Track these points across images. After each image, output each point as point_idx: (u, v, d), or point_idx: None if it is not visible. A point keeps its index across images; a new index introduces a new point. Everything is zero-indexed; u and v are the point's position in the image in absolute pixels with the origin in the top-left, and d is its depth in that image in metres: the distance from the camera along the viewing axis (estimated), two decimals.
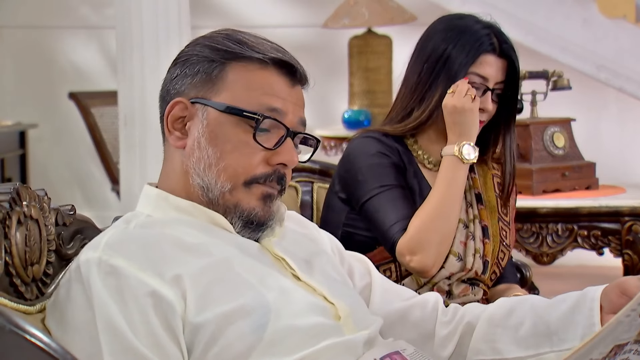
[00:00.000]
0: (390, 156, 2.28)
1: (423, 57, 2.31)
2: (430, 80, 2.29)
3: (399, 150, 2.30)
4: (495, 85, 2.29)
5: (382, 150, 2.28)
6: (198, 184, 1.59)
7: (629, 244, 3.35)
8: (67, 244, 1.64)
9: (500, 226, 2.37)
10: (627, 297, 1.54)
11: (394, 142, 2.31)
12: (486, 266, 2.31)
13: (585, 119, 4.89)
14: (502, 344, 1.67)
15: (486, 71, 2.28)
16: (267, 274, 1.55)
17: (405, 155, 2.31)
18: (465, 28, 2.30)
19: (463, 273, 2.28)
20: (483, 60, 2.28)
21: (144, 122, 3.82)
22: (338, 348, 1.51)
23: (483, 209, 2.36)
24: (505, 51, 2.29)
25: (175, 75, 1.62)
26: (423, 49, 2.32)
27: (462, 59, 2.27)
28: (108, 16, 5.80)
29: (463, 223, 2.31)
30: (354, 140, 2.34)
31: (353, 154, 2.30)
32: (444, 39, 2.29)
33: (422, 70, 2.30)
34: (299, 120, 1.62)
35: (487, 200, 2.38)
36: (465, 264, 2.28)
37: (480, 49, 2.27)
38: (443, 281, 2.27)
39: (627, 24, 4.79)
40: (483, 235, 2.33)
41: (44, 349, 1.30)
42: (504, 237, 2.37)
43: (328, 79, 5.58)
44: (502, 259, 2.36)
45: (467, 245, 2.30)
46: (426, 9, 4.95)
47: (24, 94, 6.25)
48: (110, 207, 5.90)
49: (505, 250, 2.37)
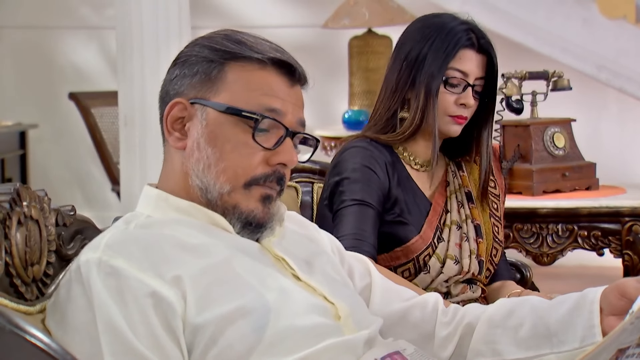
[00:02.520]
0: (374, 170, 2.27)
1: (401, 56, 2.32)
2: (411, 79, 2.30)
3: (385, 157, 2.31)
4: (475, 81, 2.30)
5: (368, 162, 2.28)
6: (197, 185, 1.59)
7: (629, 245, 3.34)
8: (67, 245, 1.64)
9: (492, 222, 2.37)
10: (626, 299, 1.54)
11: (382, 148, 2.31)
12: (482, 266, 2.32)
13: (586, 119, 4.89)
14: (502, 345, 1.67)
15: (466, 66, 2.28)
16: (267, 274, 1.55)
17: (391, 161, 2.31)
18: (442, 25, 2.30)
19: (460, 276, 2.29)
20: (462, 55, 2.28)
21: (144, 123, 3.82)
22: (338, 348, 1.51)
23: (474, 207, 2.36)
24: (484, 46, 2.30)
25: (174, 76, 1.62)
26: (401, 48, 2.33)
27: (441, 55, 2.27)
28: (108, 16, 5.80)
29: (456, 224, 2.32)
30: (344, 149, 2.34)
31: (340, 164, 2.31)
32: (422, 37, 2.29)
33: (401, 68, 2.31)
34: (298, 120, 1.61)
35: (477, 198, 2.38)
36: (462, 267, 2.28)
37: (459, 44, 2.27)
38: (441, 284, 2.27)
39: (627, 25, 4.79)
40: (476, 234, 2.33)
41: (44, 350, 1.30)
42: (497, 233, 2.38)
43: (328, 79, 5.58)
44: (495, 255, 2.37)
45: (462, 247, 2.30)
46: (426, 9, 4.94)
47: (24, 94, 6.25)
48: (111, 208, 5.90)
49: (497, 247, 2.38)
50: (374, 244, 2.22)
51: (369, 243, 2.20)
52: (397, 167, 2.32)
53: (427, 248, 2.27)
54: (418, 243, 2.27)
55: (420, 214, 2.31)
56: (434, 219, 2.31)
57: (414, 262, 2.26)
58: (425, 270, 2.26)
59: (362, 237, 2.20)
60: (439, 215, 2.32)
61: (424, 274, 2.26)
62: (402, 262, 2.27)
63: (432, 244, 2.27)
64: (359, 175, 2.27)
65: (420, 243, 2.27)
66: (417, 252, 2.26)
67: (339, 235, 2.17)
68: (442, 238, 2.30)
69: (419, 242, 2.27)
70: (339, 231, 2.21)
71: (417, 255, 2.26)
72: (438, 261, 2.27)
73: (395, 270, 2.26)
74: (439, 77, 2.27)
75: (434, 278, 2.27)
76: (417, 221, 2.29)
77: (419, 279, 2.26)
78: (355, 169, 2.27)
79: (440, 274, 2.26)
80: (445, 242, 2.29)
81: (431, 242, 2.27)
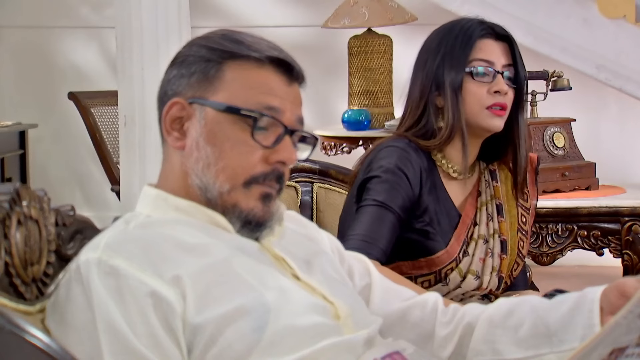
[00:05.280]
0: (407, 173, 2.23)
1: (420, 68, 2.28)
2: (435, 83, 2.25)
3: (422, 162, 2.26)
4: (503, 69, 2.27)
5: (402, 165, 2.23)
6: (197, 184, 1.59)
7: (628, 244, 3.35)
8: (67, 244, 1.64)
9: (519, 237, 2.34)
10: (626, 298, 1.54)
11: (421, 153, 2.27)
12: (500, 282, 2.29)
13: (585, 119, 4.89)
14: (501, 345, 1.67)
15: (489, 55, 2.25)
16: (267, 274, 1.55)
17: (427, 167, 2.27)
18: (453, 26, 2.29)
19: (478, 292, 2.27)
20: (481, 45, 2.25)
21: (144, 122, 3.82)
22: (338, 348, 1.51)
23: (503, 221, 2.32)
24: (501, 33, 2.27)
25: (172, 76, 1.62)
26: (419, 62, 2.30)
27: (459, 50, 2.24)
28: (108, 16, 5.79)
29: (483, 238, 2.28)
30: (381, 147, 2.29)
31: (375, 162, 2.26)
32: (436, 44, 2.27)
33: (422, 78, 2.27)
34: (296, 118, 1.61)
35: (507, 211, 2.34)
36: (482, 283, 2.26)
37: (474, 35, 2.25)
38: (457, 296, 2.26)
39: (627, 24, 4.78)
40: (501, 250, 2.29)
41: (43, 350, 1.30)
42: (521, 248, 2.34)
43: (328, 79, 5.58)
44: (515, 269, 2.34)
45: (485, 263, 2.26)
46: (426, 9, 4.95)
47: (24, 94, 6.25)
48: (110, 207, 5.90)
49: (519, 262, 2.34)
50: (384, 249, 2.17)
51: (379, 247, 2.16)
52: (431, 174, 2.28)
53: (451, 262, 2.24)
54: (444, 257, 2.24)
55: (449, 225, 2.27)
56: (462, 232, 2.27)
57: (436, 274, 2.24)
58: (444, 282, 2.24)
59: (372, 240, 2.16)
60: (467, 228, 2.28)
61: (441, 285, 2.24)
62: (424, 272, 2.23)
63: (457, 258, 2.24)
64: (389, 177, 2.22)
65: (445, 257, 2.24)
66: (441, 265, 2.23)
67: (350, 233, 2.16)
68: (468, 252, 2.26)
69: (444, 256, 2.24)
70: (352, 228, 2.18)
71: (440, 268, 2.24)
72: (459, 275, 2.24)
73: (416, 279, 2.23)
74: (461, 70, 2.23)
75: (451, 290, 2.25)
76: (444, 233, 2.26)
77: (435, 289, 2.22)
78: (387, 170, 2.23)
79: (458, 287, 2.24)
80: (470, 257, 2.26)
81: (456, 256, 2.24)
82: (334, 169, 2.60)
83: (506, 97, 2.26)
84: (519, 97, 2.30)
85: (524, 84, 2.31)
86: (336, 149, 4.82)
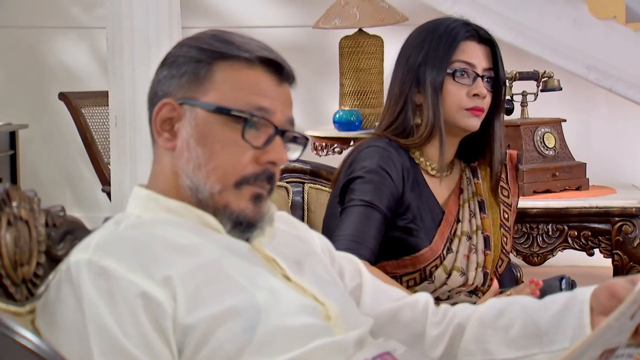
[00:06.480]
0: (389, 172, 2.24)
1: (402, 64, 2.30)
2: (415, 80, 2.27)
3: (403, 160, 2.28)
4: (484, 72, 2.28)
5: (385, 165, 2.25)
6: (187, 185, 1.58)
7: (618, 245, 3.35)
8: (57, 245, 1.63)
9: (502, 233, 2.35)
10: (616, 298, 1.54)
11: (402, 151, 2.29)
12: (486, 277, 2.30)
13: (576, 119, 4.89)
14: (492, 345, 1.67)
15: (471, 58, 2.27)
16: (258, 275, 1.55)
17: (408, 165, 2.29)
18: (438, 25, 2.30)
19: (464, 288, 2.27)
20: (464, 47, 2.27)
21: (135, 123, 3.81)
22: (329, 348, 1.51)
23: (485, 218, 2.33)
24: (485, 37, 2.29)
25: (162, 76, 1.62)
26: (400, 58, 2.32)
27: (442, 50, 2.25)
28: (98, 16, 5.78)
29: (466, 235, 2.29)
30: (362, 147, 2.30)
31: (357, 162, 2.27)
32: (420, 41, 2.28)
33: (403, 74, 2.29)
34: (287, 118, 1.61)
35: (489, 207, 2.35)
36: (467, 279, 2.27)
37: (459, 36, 2.26)
38: (443, 293, 2.26)
39: (617, 25, 4.80)
40: (485, 246, 2.31)
41: (33, 351, 1.30)
42: (504, 244, 2.35)
43: (319, 80, 5.58)
44: (500, 265, 2.35)
45: (470, 259, 2.28)
46: (417, 9, 4.95)
47: (14, 94, 6.23)
48: (101, 208, 5.89)
49: (504, 258, 2.35)
50: (372, 249, 2.18)
51: (367, 247, 2.17)
52: (413, 172, 2.29)
53: (435, 259, 2.25)
54: (427, 254, 2.24)
55: (432, 222, 2.28)
56: (446, 229, 2.29)
57: (420, 272, 2.25)
58: (430, 280, 2.25)
59: (360, 240, 2.17)
60: (450, 225, 2.29)
61: (427, 283, 2.25)
62: (409, 271, 2.24)
63: (441, 255, 2.25)
64: (373, 177, 2.23)
65: (429, 254, 2.25)
66: (425, 262, 2.24)
67: (339, 234, 2.16)
68: (451, 249, 2.27)
69: (428, 253, 2.25)
70: (340, 229, 2.18)
71: (425, 266, 2.25)
72: (444, 272, 2.25)
73: (401, 278, 2.24)
74: (443, 70, 2.25)
75: (437, 288, 2.25)
76: (428, 230, 2.27)
77: (422, 287, 2.24)
78: (370, 170, 2.24)
79: (444, 284, 2.25)
80: (454, 254, 2.27)
81: (440, 253, 2.25)
82: (325, 169, 2.60)
83: (484, 100, 2.28)
84: (497, 101, 2.31)
85: (503, 88, 2.32)
86: (327, 150, 4.82)
